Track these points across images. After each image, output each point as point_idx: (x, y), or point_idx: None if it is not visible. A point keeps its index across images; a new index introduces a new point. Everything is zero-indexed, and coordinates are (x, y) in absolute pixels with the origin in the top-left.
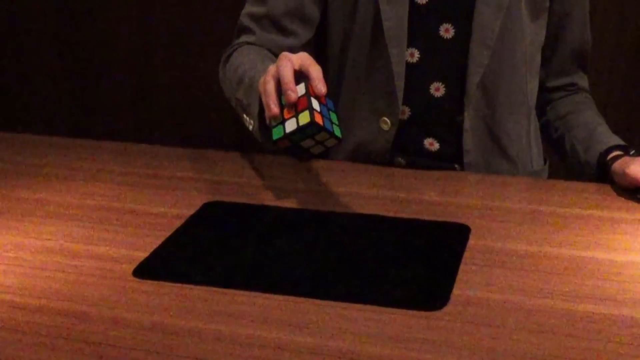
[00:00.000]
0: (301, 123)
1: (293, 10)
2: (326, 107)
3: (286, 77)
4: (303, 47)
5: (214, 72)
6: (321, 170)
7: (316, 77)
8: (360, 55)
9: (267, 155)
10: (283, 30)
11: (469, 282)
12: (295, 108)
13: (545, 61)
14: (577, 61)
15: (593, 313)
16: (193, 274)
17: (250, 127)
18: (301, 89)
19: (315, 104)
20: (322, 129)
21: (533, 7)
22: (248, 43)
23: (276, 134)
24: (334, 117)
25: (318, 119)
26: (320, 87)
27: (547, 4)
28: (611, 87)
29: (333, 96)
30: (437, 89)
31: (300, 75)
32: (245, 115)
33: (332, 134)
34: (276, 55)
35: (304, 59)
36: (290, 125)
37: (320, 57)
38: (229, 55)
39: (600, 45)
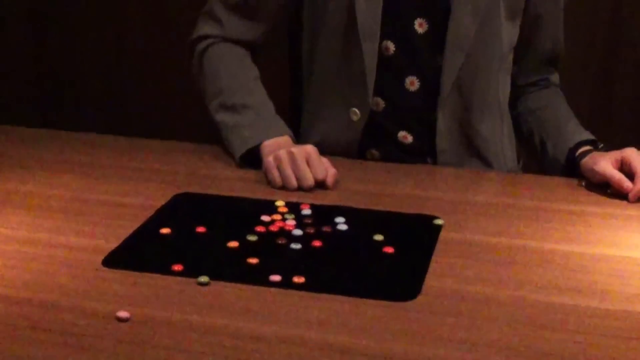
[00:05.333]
0: None
1: None
2: None
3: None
4: (270, 33)
5: (187, 65)
6: None
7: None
8: (332, 46)
9: None
10: (253, 17)
11: (442, 274)
12: None
13: (518, 60)
14: (549, 61)
15: (563, 304)
16: (162, 264)
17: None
18: None
19: None
20: None
21: (510, 7)
22: (219, 38)
23: None
24: None
25: None
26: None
27: (523, 5)
28: (582, 88)
29: (305, 85)
30: (412, 83)
31: None
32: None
33: None
34: (243, 45)
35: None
36: None
37: (293, 45)
38: (204, 50)
39: (572, 46)
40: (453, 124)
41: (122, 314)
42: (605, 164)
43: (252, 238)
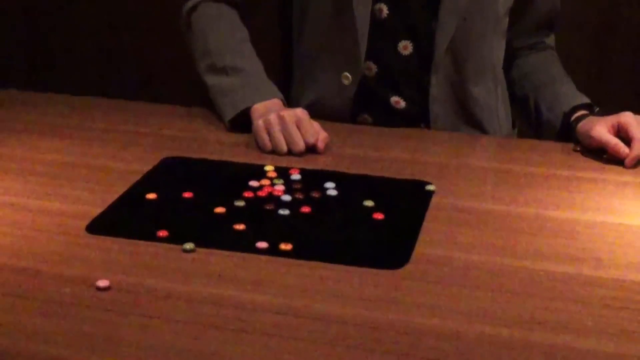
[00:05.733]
0: None
1: None
2: None
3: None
4: None
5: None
6: None
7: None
8: (324, 8)
9: None
10: None
11: (432, 241)
12: None
13: (514, 24)
14: (545, 25)
15: (555, 272)
16: (147, 230)
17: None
18: None
19: None
20: None
21: None
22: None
23: None
24: None
25: None
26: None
27: None
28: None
29: (296, 48)
30: (405, 47)
31: None
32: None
33: None
34: (233, 6)
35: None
36: None
37: (284, 7)
38: (194, 8)
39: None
40: (447, 88)
41: (102, 282)
42: (601, 129)
43: (239, 204)
